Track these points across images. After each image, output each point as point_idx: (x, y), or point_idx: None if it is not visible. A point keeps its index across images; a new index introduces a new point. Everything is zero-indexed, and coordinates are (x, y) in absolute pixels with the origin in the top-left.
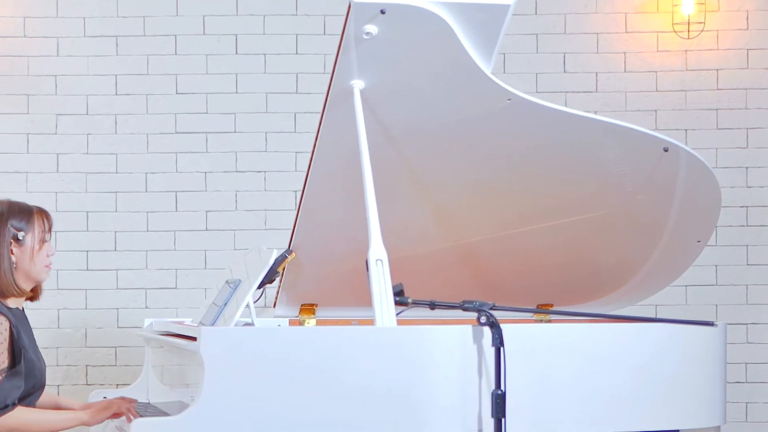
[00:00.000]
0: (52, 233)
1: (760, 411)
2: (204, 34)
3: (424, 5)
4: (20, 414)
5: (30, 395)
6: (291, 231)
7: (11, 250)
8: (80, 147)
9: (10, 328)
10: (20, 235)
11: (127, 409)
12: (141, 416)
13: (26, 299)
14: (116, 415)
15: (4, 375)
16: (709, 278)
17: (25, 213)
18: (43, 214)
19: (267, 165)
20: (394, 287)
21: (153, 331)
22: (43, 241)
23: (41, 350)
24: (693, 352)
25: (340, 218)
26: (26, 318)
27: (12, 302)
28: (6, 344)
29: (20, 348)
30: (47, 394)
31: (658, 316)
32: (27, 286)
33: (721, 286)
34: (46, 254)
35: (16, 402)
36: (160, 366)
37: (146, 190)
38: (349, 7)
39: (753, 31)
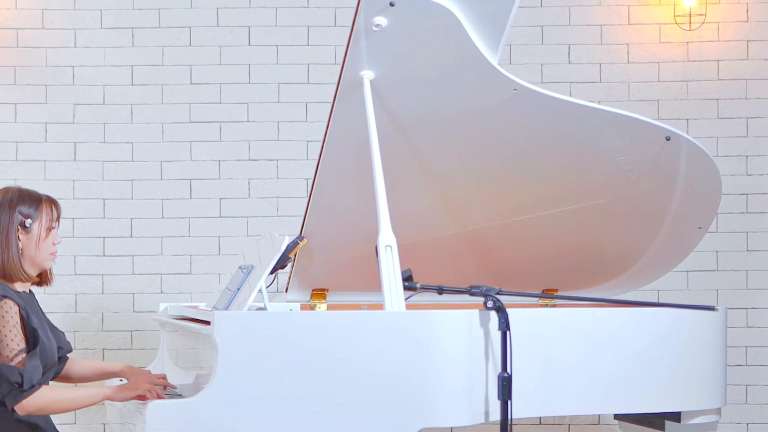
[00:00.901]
0: (62, 223)
1: (759, 393)
2: (218, 25)
3: None
4: (46, 393)
5: (43, 374)
6: (302, 218)
7: (18, 237)
8: (97, 136)
9: (20, 311)
10: (27, 222)
11: (157, 395)
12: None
13: (33, 284)
14: (141, 397)
15: (24, 356)
16: (710, 264)
17: (34, 201)
18: (52, 203)
19: (279, 153)
20: (403, 273)
21: (168, 315)
22: (50, 229)
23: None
24: (694, 336)
25: (351, 205)
26: (35, 300)
27: (19, 286)
28: (18, 326)
29: (33, 329)
30: (91, 360)
31: (660, 301)
32: (32, 272)
33: (721, 271)
34: (52, 242)
35: (40, 382)
36: (175, 349)
37: (161, 178)
38: None
39: (753, 23)
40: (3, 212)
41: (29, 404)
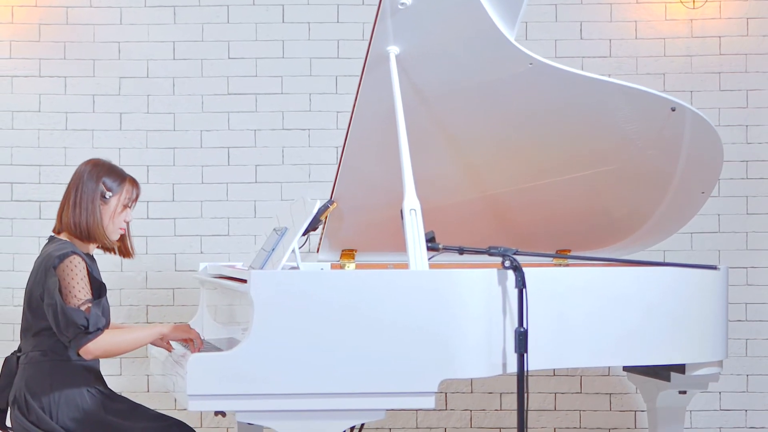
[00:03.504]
0: (138, 203)
1: (758, 347)
2: (254, 4)
3: None
4: (109, 337)
5: None
6: (333, 183)
7: (99, 206)
8: (141, 107)
9: (87, 267)
10: (108, 194)
11: (199, 346)
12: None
13: (115, 253)
14: (188, 341)
15: (90, 305)
16: (712, 226)
17: (119, 177)
18: (135, 184)
19: (311, 123)
20: (426, 234)
21: (207, 274)
22: (126, 206)
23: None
24: (697, 293)
25: (377, 171)
26: (96, 263)
27: (84, 248)
28: (86, 279)
29: (99, 283)
30: (125, 325)
31: (666, 261)
32: (112, 238)
33: (723, 233)
34: (124, 219)
35: (102, 328)
36: (214, 306)
37: (201, 146)
38: None
39: (752, 2)
40: (90, 181)
41: (95, 347)
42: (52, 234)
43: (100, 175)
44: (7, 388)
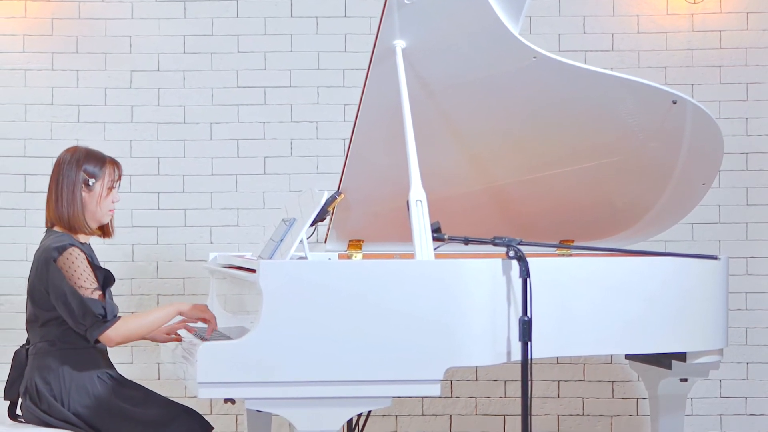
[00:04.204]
0: (122, 181)
1: (758, 335)
2: None
3: None
4: (127, 322)
5: None
6: (340, 175)
7: (81, 194)
8: (152, 100)
9: (86, 257)
10: (91, 181)
11: (212, 329)
12: (207, 339)
13: (96, 236)
14: (204, 320)
15: (100, 292)
16: (713, 217)
17: (99, 161)
18: (115, 164)
19: (319, 116)
20: (432, 225)
21: (217, 264)
22: (110, 188)
23: (117, 281)
24: (698, 282)
25: (384, 163)
26: (94, 253)
27: (82, 238)
28: (89, 268)
29: (103, 270)
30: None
31: (668, 251)
32: (93, 226)
33: (723, 223)
34: (112, 200)
35: (118, 316)
36: (224, 295)
37: (211, 139)
38: None
39: None
40: (70, 170)
41: (115, 333)
42: (47, 228)
43: (80, 163)
44: (18, 380)
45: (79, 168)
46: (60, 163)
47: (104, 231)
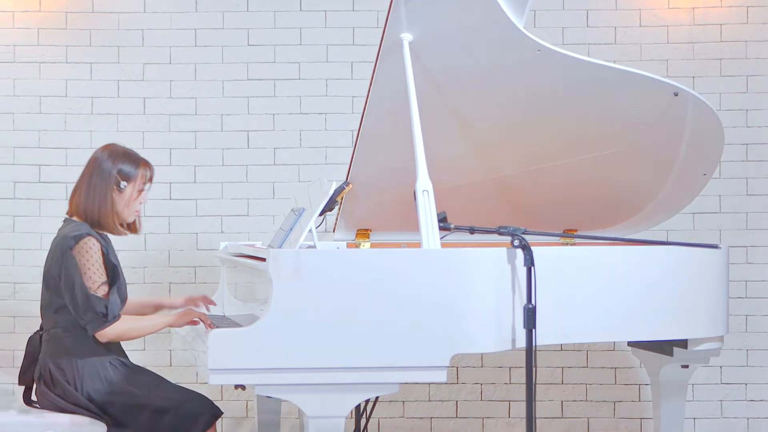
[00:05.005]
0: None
1: (758, 323)
2: None
3: None
4: (124, 323)
5: None
6: (348, 165)
7: (112, 195)
8: (164, 92)
9: (102, 248)
10: (123, 184)
11: (209, 324)
12: (217, 327)
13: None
14: (193, 323)
15: (107, 288)
16: (713, 207)
17: (134, 162)
18: (148, 166)
19: (327, 107)
20: (438, 214)
21: (228, 252)
22: (141, 191)
23: (130, 269)
24: (699, 271)
25: (391, 154)
26: (110, 242)
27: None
28: (101, 261)
29: (113, 265)
30: (148, 296)
31: (669, 240)
32: (119, 225)
33: (724, 213)
34: (139, 202)
35: (118, 314)
36: (234, 283)
37: (222, 130)
38: None
39: None
40: (105, 169)
41: (110, 332)
42: (67, 216)
43: (116, 163)
44: (32, 366)
45: (114, 168)
46: (95, 160)
47: (131, 228)
